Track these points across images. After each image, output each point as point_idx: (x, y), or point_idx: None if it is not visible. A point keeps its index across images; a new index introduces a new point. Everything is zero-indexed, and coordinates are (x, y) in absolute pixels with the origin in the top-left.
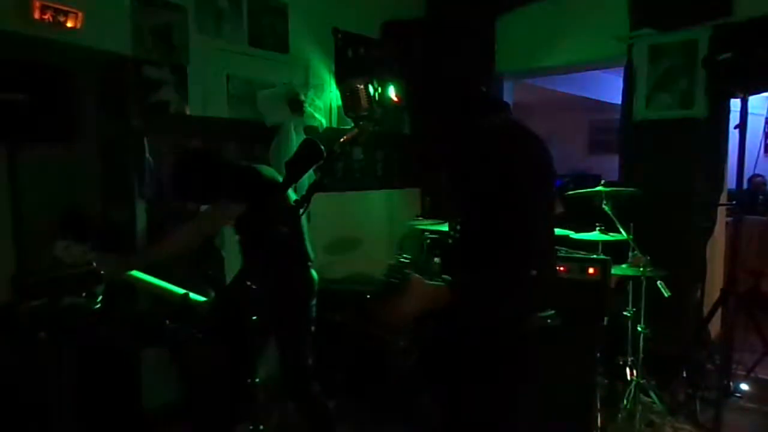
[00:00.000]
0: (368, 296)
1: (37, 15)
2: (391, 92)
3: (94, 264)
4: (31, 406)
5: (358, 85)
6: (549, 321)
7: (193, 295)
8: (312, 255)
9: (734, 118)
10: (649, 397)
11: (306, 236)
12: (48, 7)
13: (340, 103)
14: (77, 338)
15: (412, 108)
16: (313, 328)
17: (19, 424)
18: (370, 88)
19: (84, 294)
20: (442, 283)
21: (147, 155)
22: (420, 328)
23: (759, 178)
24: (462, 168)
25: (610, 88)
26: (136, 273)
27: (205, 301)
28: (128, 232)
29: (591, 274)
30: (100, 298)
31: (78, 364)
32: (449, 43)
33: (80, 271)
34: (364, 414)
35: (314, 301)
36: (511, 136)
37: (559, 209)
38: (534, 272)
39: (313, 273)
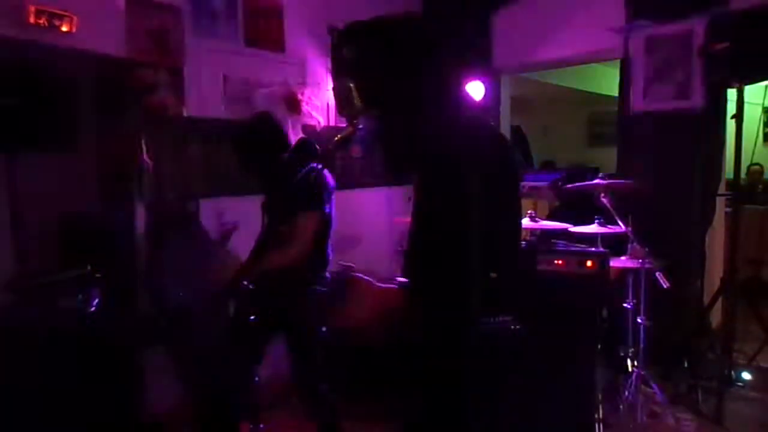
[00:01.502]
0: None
1: (32, 19)
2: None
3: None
4: (30, 409)
5: (352, 84)
6: (512, 327)
7: None
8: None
9: (731, 108)
10: (651, 387)
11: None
12: (43, 12)
13: None
14: (75, 341)
15: (377, 108)
16: (324, 329)
17: (18, 427)
18: None
19: (80, 297)
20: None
21: (145, 158)
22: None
23: (756, 167)
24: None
25: (608, 80)
26: None
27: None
28: (127, 235)
29: (589, 267)
30: (96, 301)
31: (77, 367)
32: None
33: (76, 274)
34: (366, 415)
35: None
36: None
37: (554, 202)
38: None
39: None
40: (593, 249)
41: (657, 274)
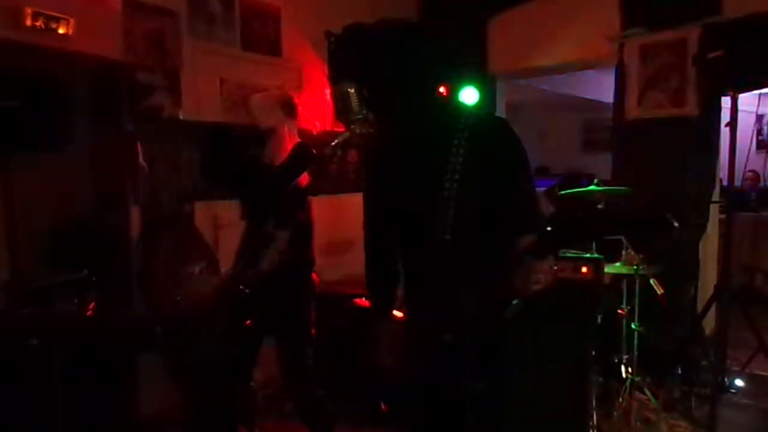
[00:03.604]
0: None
1: (28, 22)
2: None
3: None
4: (24, 413)
5: (349, 89)
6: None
7: None
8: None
9: (725, 116)
10: (644, 394)
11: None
12: (40, 14)
13: None
14: (70, 344)
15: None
16: (313, 330)
17: (14, 429)
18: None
19: (75, 301)
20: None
21: (140, 160)
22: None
23: (750, 173)
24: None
25: (603, 87)
26: None
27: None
28: (123, 238)
29: (584, 273)
30: (92, 305)
31: (71, 371)
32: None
33: (72, 278)
34: (364, 414)
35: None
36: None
37: (549, 209)
38: None
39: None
40: (588, 255)
41: (651, 280)
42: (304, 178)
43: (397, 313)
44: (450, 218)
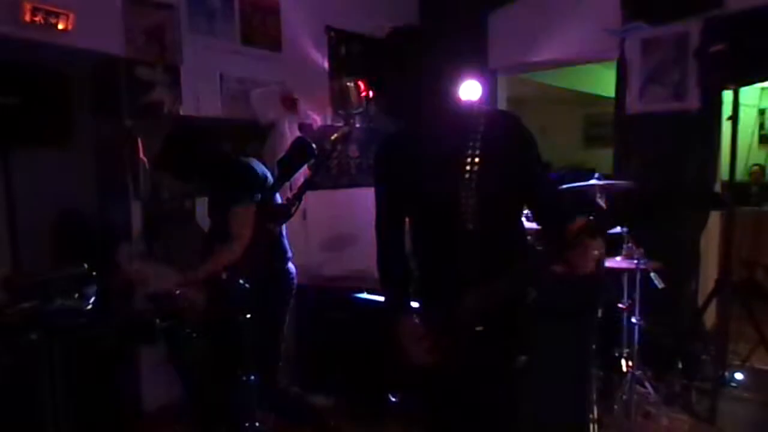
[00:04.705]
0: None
1: (27, 17)
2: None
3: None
4: (24, 408)
5: (348, 83)
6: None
7: None
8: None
9: (727, 110)
10: (645, 387)
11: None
12: (39, 9)
13: None
14: (70, 339)
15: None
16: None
17: (12, 426)
18: (361, 86)
19: (76, 295)
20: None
21: (141, 156)
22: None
23: (756, 167)
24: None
25: (604, 81)
26: None
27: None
28: (124, 233)
29: None
30: (92, 299)
31: (71, 365)
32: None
33: (72, 272)
34: (364, 414)
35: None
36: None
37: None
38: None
39: (291, 267)
40: None
41: (652, 274)
42: (304, 173)
43: (414, 304)
44: (472, 207)
